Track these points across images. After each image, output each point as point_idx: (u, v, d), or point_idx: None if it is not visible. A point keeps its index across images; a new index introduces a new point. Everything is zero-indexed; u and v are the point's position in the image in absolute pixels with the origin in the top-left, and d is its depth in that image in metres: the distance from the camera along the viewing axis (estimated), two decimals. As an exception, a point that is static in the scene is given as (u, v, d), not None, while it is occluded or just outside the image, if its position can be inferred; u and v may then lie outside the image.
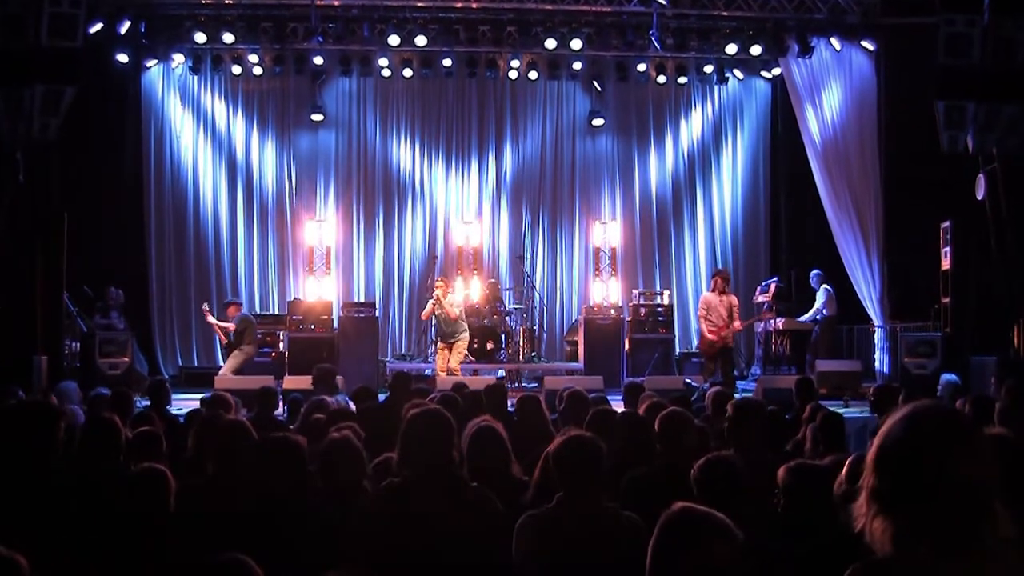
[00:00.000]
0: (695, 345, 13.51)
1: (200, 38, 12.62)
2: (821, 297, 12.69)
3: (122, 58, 12.92)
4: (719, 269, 12.08)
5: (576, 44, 12.97)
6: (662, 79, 14.21)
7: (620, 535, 3.08)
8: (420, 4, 12.79)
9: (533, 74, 14.12)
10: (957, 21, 10.09)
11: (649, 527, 2.12)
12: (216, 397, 6.30)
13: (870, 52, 12.72)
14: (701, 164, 15.36)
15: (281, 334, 12.99)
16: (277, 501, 3.39)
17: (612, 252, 14.86)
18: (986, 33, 10.01)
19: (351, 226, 14.88)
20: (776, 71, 14.13)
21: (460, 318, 11.33)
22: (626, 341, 13.01)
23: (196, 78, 14.31)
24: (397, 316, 15.01)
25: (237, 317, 11.42)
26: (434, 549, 3.04)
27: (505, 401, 6.55)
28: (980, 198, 10.69)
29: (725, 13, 12.92)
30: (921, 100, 10.94)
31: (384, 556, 3.03)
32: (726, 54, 13.32)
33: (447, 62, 13.68)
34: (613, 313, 13.15)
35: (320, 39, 12.73)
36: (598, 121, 14.97)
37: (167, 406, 6.99)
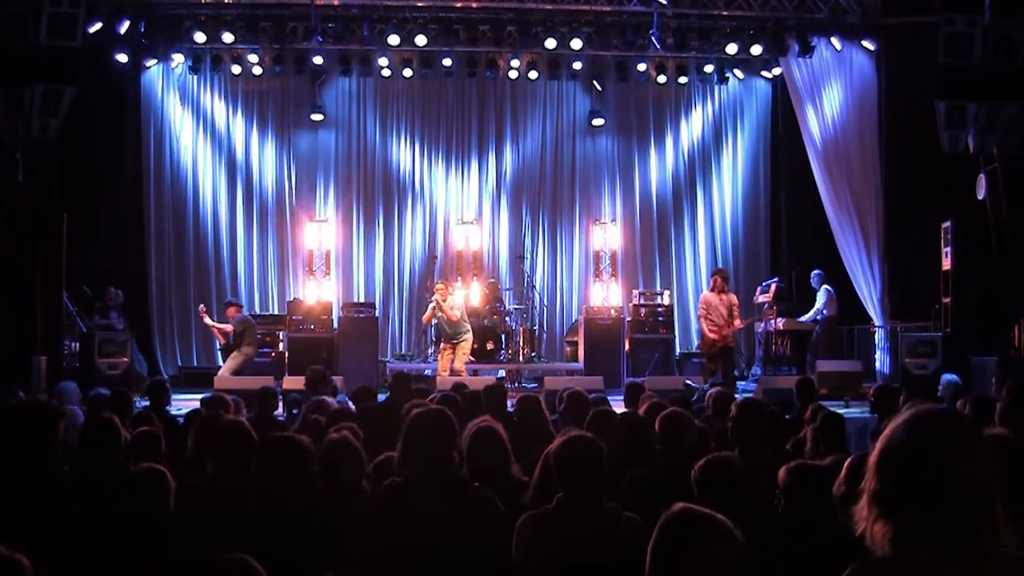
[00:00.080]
0: (695, 345, 13.52)
1: (200, 38, 12.62)
2: (822, 297, 12.68)
3: (121, 58, 12.91)
4: (718, 268, 12.09)
5: (576, 44, 12.96)
6: (662, 79, 14.19)
7: (620, 535, 3.08)
8: (420, 4, 12.79)
9: (533, 74, 14.11)
10: (957, 21, 10.09)
11: (649, 528, 2.12)
12: (216, 397, 6.30)
13: (870, 52, 12.72)
14: (701, 164, 15.34)
15: (281, 334, 12.97)
16: (277, 501, 3.40)
17: (612, 252, 14.83)
18: (987, 33, 10.02)
19: (351, 226, 14.86)
20: (776, 71, 14.12)
21: (462, 320, 11.30)
22: (626, 341, 13.00)
23: (196, 78, 14.29)
24: (397, 316, 14.99)
25: (237, 318, 11.40)
26: (434, 549, 3.03)
27: (505, 401, 6.52)
28: (981, 198, 10.69)
29: (725, 13, 12.91)
30: (922, 100, 10.95)
31: (384, 556, 3.03)
32: (726, 54, 13.31)
33: (447, 62, 13.68)
34: (613, 313, 13.13)
35: (320, 39, 12.72)
36: (598, 121, 14.95)
37: (167, 406, 6.96)
